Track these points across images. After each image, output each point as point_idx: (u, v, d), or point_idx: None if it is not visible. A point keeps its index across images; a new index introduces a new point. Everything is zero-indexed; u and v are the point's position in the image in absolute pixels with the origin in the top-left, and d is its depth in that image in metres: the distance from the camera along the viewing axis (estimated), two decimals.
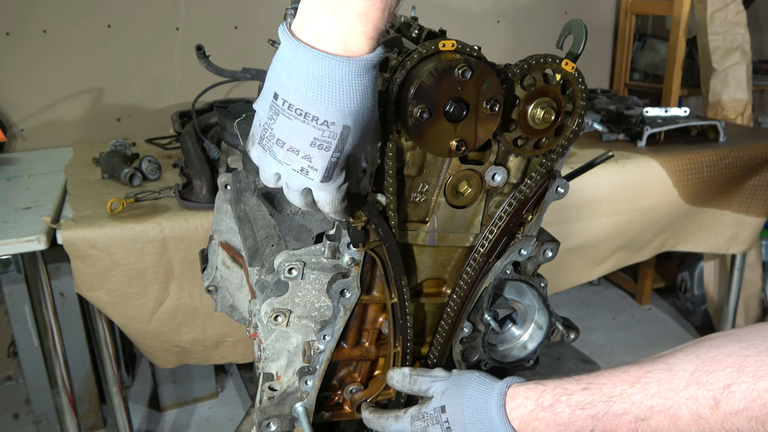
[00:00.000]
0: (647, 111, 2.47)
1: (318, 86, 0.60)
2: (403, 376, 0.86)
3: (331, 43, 0.60)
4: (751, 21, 2.93)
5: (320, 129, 0.62)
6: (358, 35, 0.60)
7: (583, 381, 0.71)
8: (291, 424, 0.92)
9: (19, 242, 1.51)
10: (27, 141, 2.42)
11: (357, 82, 0.61)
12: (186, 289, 1.70)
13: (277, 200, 0.94)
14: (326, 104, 0.61)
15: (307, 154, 0.64)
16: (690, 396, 0.62)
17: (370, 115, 0.64)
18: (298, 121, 0.62)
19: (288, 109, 0.62)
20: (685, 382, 0.63)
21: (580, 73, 0.76)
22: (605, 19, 3.35)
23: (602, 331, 3.05)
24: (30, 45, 2.34)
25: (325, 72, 0.60)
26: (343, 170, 0.67)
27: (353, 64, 0.60)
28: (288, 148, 0.64)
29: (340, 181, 0.67)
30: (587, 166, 0.94)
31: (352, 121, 0.62)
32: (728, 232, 2.45)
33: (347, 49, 0.60)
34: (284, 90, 0.62)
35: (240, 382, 2.62)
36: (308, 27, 0.61)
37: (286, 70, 0.62)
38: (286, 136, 0.63)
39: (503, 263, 0.89)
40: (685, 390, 0.63)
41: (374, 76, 0.63)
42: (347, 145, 0.64)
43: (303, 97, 0.61)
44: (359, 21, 0.60)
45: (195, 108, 2.04)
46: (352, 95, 0.61)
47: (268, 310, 0.83)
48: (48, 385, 1.89)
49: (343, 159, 0.65)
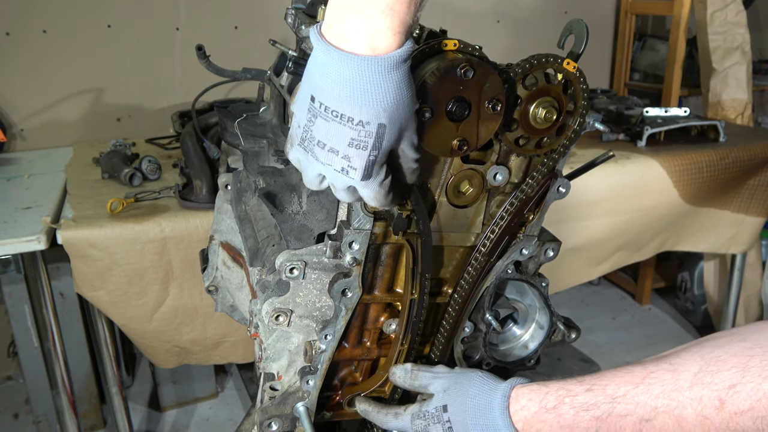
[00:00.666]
0: (647, 111, 2.47)
1: (349, 88, 0.61)
2: (405, 372, 0.85)
3: (359, 43, 0.61)
4: (751, 21, 2.93)
5: (356, 129, 0.63)
6: (385, 32, 0.60)
7: (587, 382, 0.71)
8: (292, 424, 0.92)
9: (19, 242, 1.51)
10: (27, 141, 2.42)
11: (388, 79, 0.61)
12: (186, 289, 1.70)
13: (278, 200, 0.94)
14: (359, 105, 0.61)
15: (346, 155, 0.64)
16: (695, 396, 0.62)
17: (406, 110, 0.64)
18: (335, 122, 0.63)
19: (325, 111, 0.63)
20: (690, 383, 0.63)
21: (581, 72, 0.76)
22: (605, 19, 3.35)
23: (602, 331, 3.05)
24: (30, 45, 2.34)
25: (354, 73, 0.60)
26: (383, 166, 0.67)
27: (382, 62, 0.61)
28: (329, 149, 0.65)
29: (381, 177, 0.68)
30: (588, 166, 0.94)
31: (387, 119, 0.63)
32: (728, 232, 2.45)
33: (374, 47, 0.61)
34: (319, 92, 0.63)
35: (240, 382, 2.62)
36: (336, 28, 0.62)
37: (319, 73, 0.62)
38: (326, 138, 0.64)
39: (504, 263, 0.89)
40: (689, 390, 0.63)
41: (406, 71, 0.63)
42: (384, 142, 0.64)
43: (337, 99, 0.62)
44: (385, 17, 0.60)
45: (195, 108, 2.04)
46: (384, 94, 0.61)
47: (270, 310, 0.83)
48: (48, 385, 1.89)
49: (382, 156, 0.66)
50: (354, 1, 0.60)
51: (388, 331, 0.90)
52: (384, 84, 0.61)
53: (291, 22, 0.99)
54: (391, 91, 0.62)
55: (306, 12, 1.01)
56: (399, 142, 0.67)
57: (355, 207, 0.77)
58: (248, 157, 1.11)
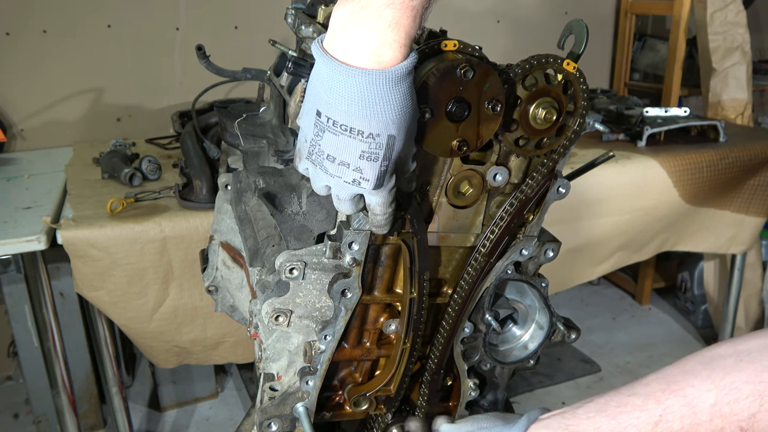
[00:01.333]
0: (647, 111, 2.47)
1: (358, 102, 0.61)
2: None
3: (365, 56, 0.60)
4: (751, 21, 2.93)
5: (367, 142, 0.63)
6: (391, 45, 0.60)
7: (599, 419, 0.67)
8: (292, 425, 0.92)
9: (19, 242, 1.51)
10: (27, 141, 2.42)
11: (395, 92, 0.61)
12: (186, 289, 1.70)
13: (278, 200, 0.94)
14: (369, 118, 0.61)
15: (357, 167, 0.65)
16: (715, 429, 0.62)
17: (411, 119, 0.65)
18: (344, 136, 0.63)
19: (333, 125, 0.63)
20: (709, 416, 0.62)
21: (581, 73, 0.76)
22: (605, 19, 3.35)
23: (602, 331, 3.05)
24: (30, 45, 2.34)
25: (362, 88, 0.60)
26: (392, 175, 0.68)
27: (389, 76, 0.61)
28: (339, 162, 0.65)
29: (391, 185, 0.69)
30: (588, 166, 0.94)
31: (396, 130, 0.63)
32: (728, 232, 2.45)
33: (381, 61, 0.60)
34: (326, 107, 0.63)
35: (240, 382, 2.62)
36: (340, 41, 0.61)
37: (324, 88, 0.62)
38: (335, 152, 0.65)
39: (504, 263, 0.88)
40: (709, 423, 0.62)
41: (411, 82, 0.63)
42: (394, 152, 0.65)
43: (345, 114, 0.62)
44: (391, 30, 0.60)
45: (195, 108, 2.04)
46: (392, 106, 0.62)
47: (269, 311, 0.83)
48: (48, 385, 1.89)
49: (392, 165, 0.66)
50: (359, 14, 0.60)
51: (388, 332, 0.90)
52: (392, 96, 0.61)
53: (291, 22, 0.99)
54: (399, 102, 0.62)
55: (306, 12, 1.01)
56: (405, 150, 0.67)
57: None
58: (248, 157, 1.11)
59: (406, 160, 0.70)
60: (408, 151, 0.69)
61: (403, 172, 0.71)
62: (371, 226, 0.76)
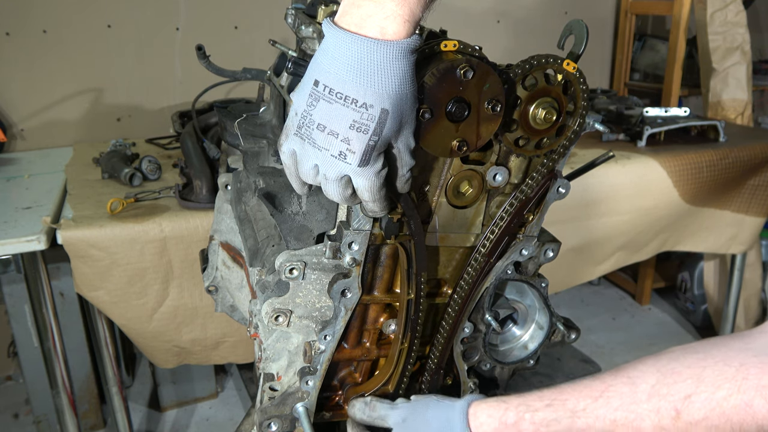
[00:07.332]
0: (647, 111, 2.47)
1: (357, 69, 0.63)
2: (364, 404, 0.87)
3: (370, 27, 0.63)
4: (751, 21, 2.93)
5: (359, 111, 0.64)
6: (395, 18, 0.62)
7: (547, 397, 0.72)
8: (292, 425, 0.92)
9: (19, 242, 1.51)
10: (27, 141, 2.42)
11: (394, 65, 0.63)
12: (186, 289, 1.70)
13: (278, 200, 0.94)
14: (365, 86, 0.63)
15: (346, 137, 0.65)
16: (652, 408, 0.64)
17: (408, 103, 0.66)
18: (338, 104, 0.64)
19: (329, 93, 0.64)
20: (647, 395, 0.65)
21: (581, 73, 0.76)
22: (605, 19, 3.35)
23: (602, 331, 3.05)
24: (30, 45, 2.34)
25: (363, 54, 0.62)
26: (381, 156, 0.68)
27: (390, 47, 0.62)
28: (328, 131, 0.65)
29: (378, 166, 0.68)
30: (588, 166, 0.94)
31: (390, 105, 0.64)
32: (728, 232, 2.45)
33: (384, 32, 0.63)
34: (325, 76, 0.64)
35: (240, 382, 2.62)
36: (349, 15, 0.64)
37: (327, 58, 0.64)
38: (327, 120, 0.65)
39: (504, 263, 0.89)
40: (647, 402, 0.65)
41: (412, 63, 0.64)
42: (385, 129, 0.65)
43: (342, 81, 0.63)
44: (397, 5, 0.62)
45: (195, 108, 2.04)
46: (389, 78, 0.63)
47: (269, 311, 0.83)
48: (48, 385, 1.89)
49: (381, 144, 0.66)
50: None
51: (388, 332, 0.90)
52: (390, 68, 0.63)
53: (291, 22, 0.99)
54: (397, 77, 0.63)
55: (306, 12, 1.01)
56: (398, 136, 0.67)
57: (354, 207, 0.77)
58: (248, 157, 1.11)
59: (402, 151, 0.69)
60: (407, 141, 0.68)
61: (400, 166, 0.71)
62: (364, 212, 0.76)
